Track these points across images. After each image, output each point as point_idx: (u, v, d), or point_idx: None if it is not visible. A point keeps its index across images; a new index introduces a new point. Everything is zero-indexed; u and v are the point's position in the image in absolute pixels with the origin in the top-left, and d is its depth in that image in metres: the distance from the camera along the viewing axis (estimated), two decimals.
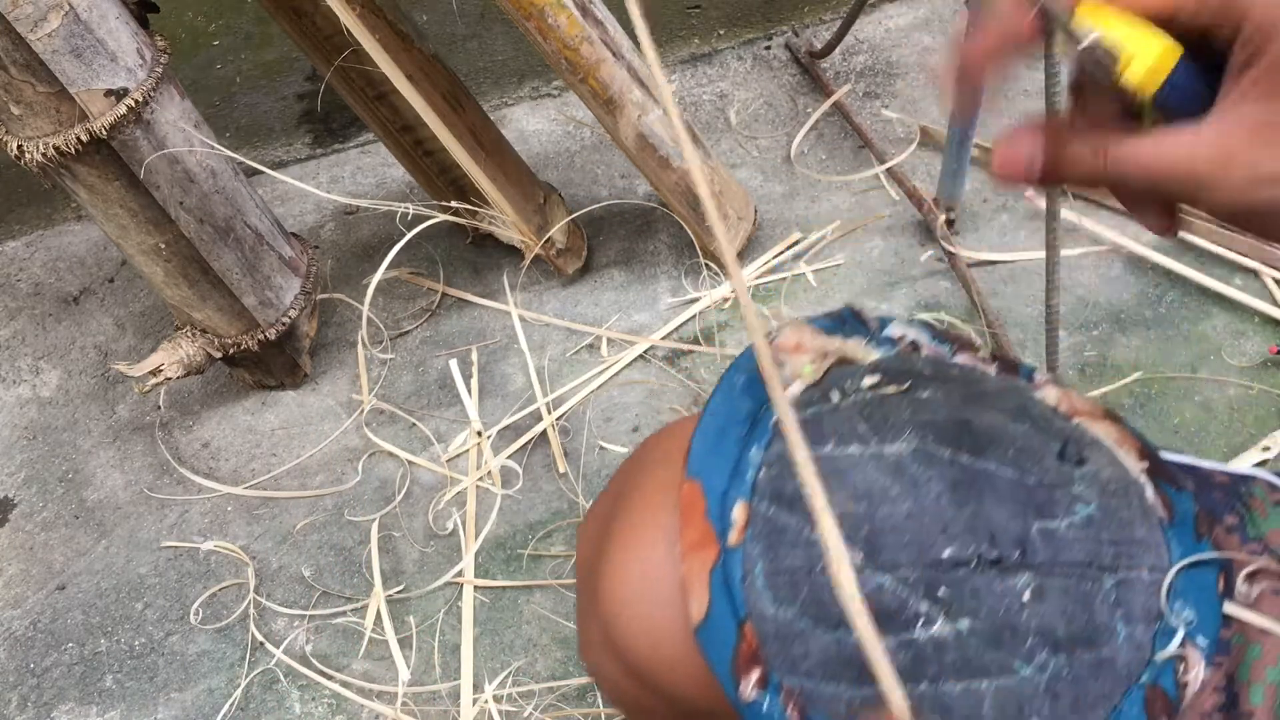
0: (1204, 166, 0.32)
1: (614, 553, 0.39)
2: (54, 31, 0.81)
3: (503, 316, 1.20)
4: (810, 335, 0.40)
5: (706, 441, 0.37)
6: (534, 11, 0.95)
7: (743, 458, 0.36)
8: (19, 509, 1.12)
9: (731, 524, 0.35)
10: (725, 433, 0.37)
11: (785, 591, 0.34)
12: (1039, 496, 0.35)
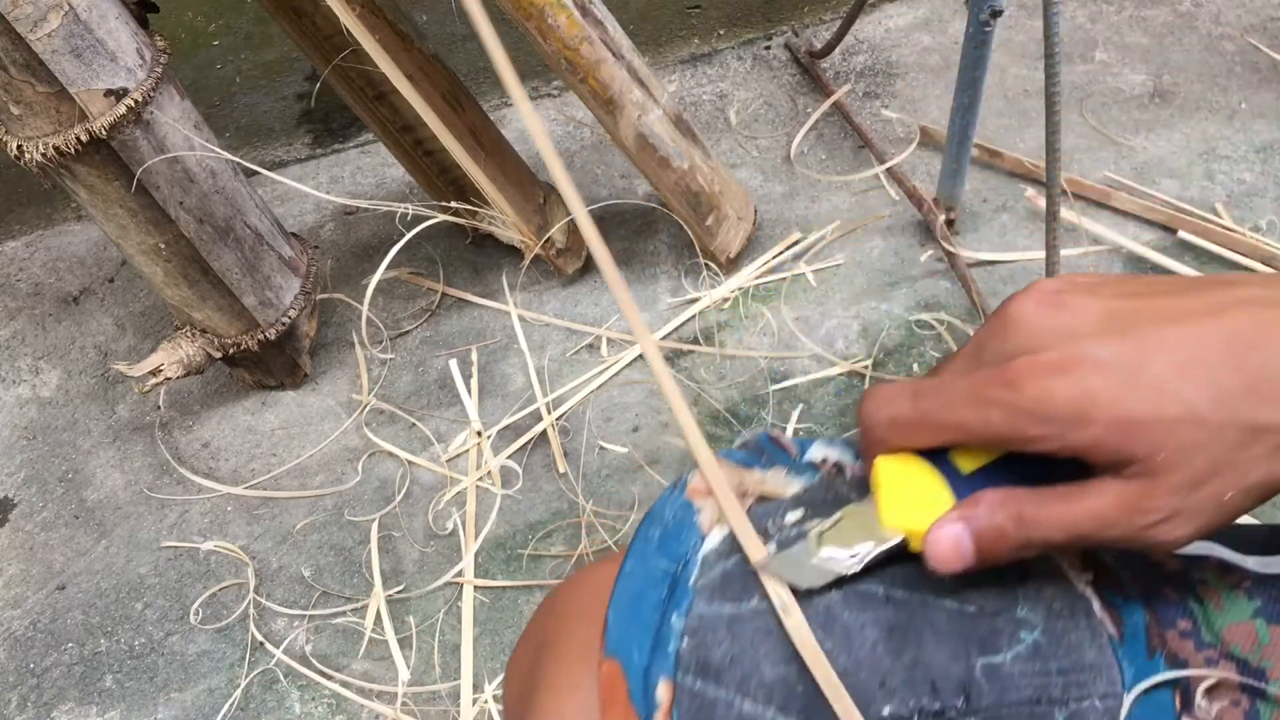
0: (1114, 514, 0.31)
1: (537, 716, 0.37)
2: (54, 31, 0.81)
3: (503, 316, 1.20)
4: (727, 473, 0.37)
5: (622, 612, 0.35)
6: (534, 12, 0.95)
7: (663, 627, 0.34)
8: (19, 509, 1.12)
9: (656, 706, 0.33)
10: (642, 599, 0.35)
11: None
12: (980, 628, 0.33)
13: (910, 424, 0.33)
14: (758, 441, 0.40)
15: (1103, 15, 1.45)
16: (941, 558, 0.32)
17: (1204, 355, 0.30)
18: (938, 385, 0.33)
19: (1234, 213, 1.19)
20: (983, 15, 0.95)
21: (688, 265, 1.22)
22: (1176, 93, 1.34)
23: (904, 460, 0.34)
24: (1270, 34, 1.39)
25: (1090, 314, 0.32)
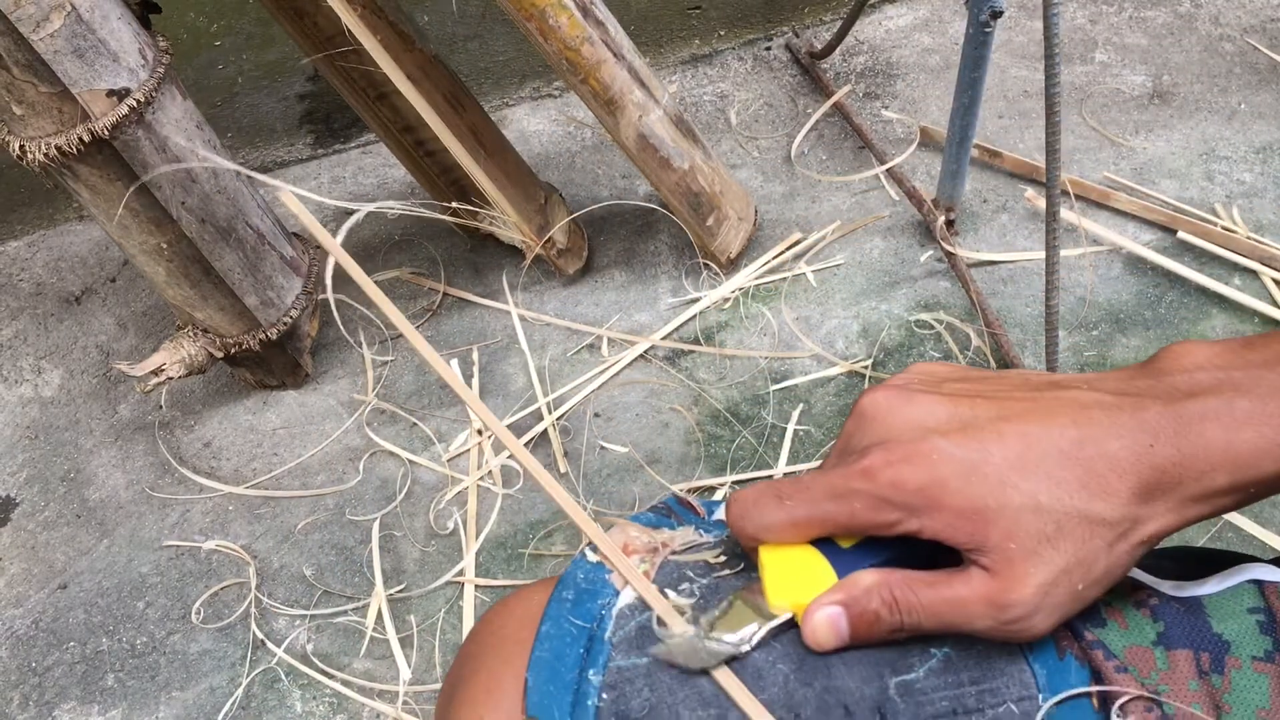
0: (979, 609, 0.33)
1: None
2: (56, 31, 0.81)
3: (503, 316, 1.20)
4: (636, 533, 0.39)
5: (542, 675, 0.36)
6: (535, 12, 0.95)
7: (582, 684, 0.35)
8: (21, 508, 1.12)
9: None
10: (561, 659, 0.36)
11: None
12: (890, 650, 0.34)
13: (780, 527, 0.34)
14: (665, 504, 0.41)
15: (1103, 16, 1.45)
16: (818, 639, 0.34)
17: (1039, 451, 0.32)
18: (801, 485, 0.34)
19: (1233, 213, 1.19)
20: (983, 16, 0.95)
21: (688, 265, 1.22)
22: (1176, 93, 1.34)
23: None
24: (1270, 34, 1.39)
25: (937, 409, 0.33)
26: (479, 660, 0.39)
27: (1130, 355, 1.09)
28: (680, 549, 0.39)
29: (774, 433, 1.07)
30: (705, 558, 0.38)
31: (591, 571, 0.38)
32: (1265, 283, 1.12)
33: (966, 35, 0.99)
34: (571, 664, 0.36)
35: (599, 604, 0.37)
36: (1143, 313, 1.12)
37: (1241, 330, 1.09)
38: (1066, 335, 1.10)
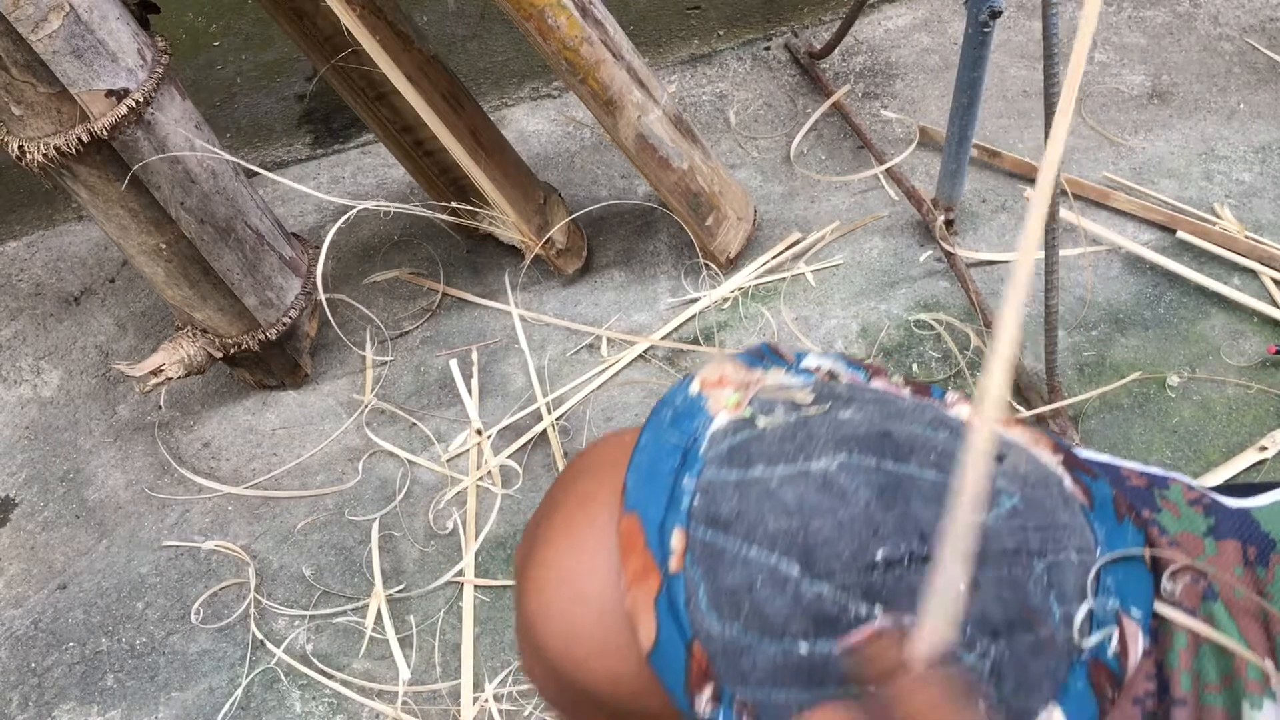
0: None
1: (535, 569, 0.40)
2: (55, 32, 0.81)
3: (503, 316, 1.20)
4: (732, 369, 0.41)
5: (640, 475, 0.39)
6: (534, 12, 0.95)
7: (676, 487, 0.38)
8: (20, 509, 1.12)
9: (671, 551, 0.36)
10: (658, 465, 0.38)
11: (728, 609, 0.35)
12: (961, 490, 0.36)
13: None
14: (758, 349, 0.44)
15: (1102, 15, 1.45)
16: None
17: None
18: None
19: (1232, 212, 1.19)
20: (982, 16, 0.95)
21: (688, 265, 1.22)
22: (1175, 93, 1.34)
23: None
24: (1269, 34, 1.39)
25: None
26: (575, 480, 0.43)
27: (1130, 355, 1.09)
28: (771, 386, 0.41)
29: None
30: (794, 396, 0.40)
31: (690, 397, 0.40)
32: (1265, 283, 1.12)
33: (966, 35, 0.99)
34: (668, 470, 0.38)
35: (695, 424, 0.39)
36: (1142, 312, 1.12)
37: (1240, 329, 1.10)
38: (1066, 335, 1.10)
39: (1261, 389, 1.05)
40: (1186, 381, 1.06)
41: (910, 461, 0.37)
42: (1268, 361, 1.07)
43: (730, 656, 0.36)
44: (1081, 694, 0.35)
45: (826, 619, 0.34)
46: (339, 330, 1.18)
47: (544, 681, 0.42)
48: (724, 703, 0.36)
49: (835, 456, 0.37)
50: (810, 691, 0.35)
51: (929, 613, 0.33)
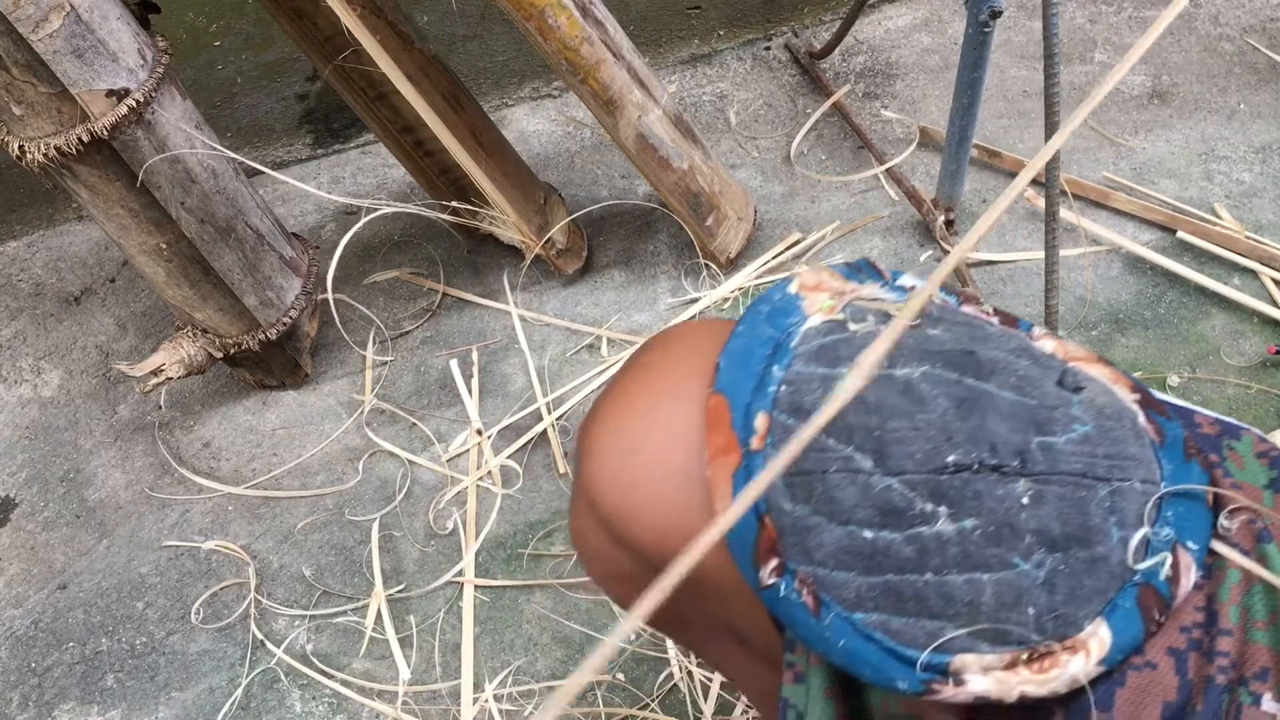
0: None
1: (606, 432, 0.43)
2: (55, 32, 0.81)
3: (503, 316, 1.20)
4: (829, 277, 0.44)
5: (733, 360, 0.41)
6: (534, 12, 0.95)
7: (766, 375, 0.40)
8: (20, 509, 1.12)
9: (754, 432, 0.39)
10: (750, 353, 0.41)
11: (801, 491, 0.38)
12: (1039, 415, 0.38)
13: None
14: (857, 263, 0.46)
15: (1102, 16, 1.45)
16: None
17: None
18: None
19: (1233, 213, 1.19)
20: (982, 16, 0.95)
21: (688, 265, 1.22)
22: (1175, 93, 1.34)
23: None
24: (1269, 34, 1.39)
25: None
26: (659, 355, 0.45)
27: (1130, 355, 1.09)
28: (866, 297, 0.43)
29: None
30: (887, 308, 0.42)
31: (787, 297, 0.43)
32: (1265, 283, 1.12)
33: (966, 35, 0.99)
34: (759, 359, 0.40)
35: (789, 320, 0.42)
36: (1142, 313, 1.12)
37: (1241, 330, 1.10)
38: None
39: (1261, 389, 1.05)
40: (1187, 381, 1.06)
41: (990, 381, 0.38)
42: (1268, 361, 1.07)
43: (798, 534, 0.37)
44: (1129, 613, 0.36)
45: (893, 511, 0.36)
46: (340, 330, 1.18)
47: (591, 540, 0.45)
48: (787, 575, 0.38)
49: (919, 367, 0.38)
50: (869, 576, 0.37)
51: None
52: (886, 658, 0.37)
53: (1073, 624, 0.36)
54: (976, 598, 0.36)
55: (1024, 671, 0.36)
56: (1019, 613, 0.36)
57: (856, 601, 0.37)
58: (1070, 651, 0.36)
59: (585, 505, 0.45)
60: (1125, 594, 0.36)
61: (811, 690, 0.40)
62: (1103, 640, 0.36)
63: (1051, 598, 0.36)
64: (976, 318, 0.43)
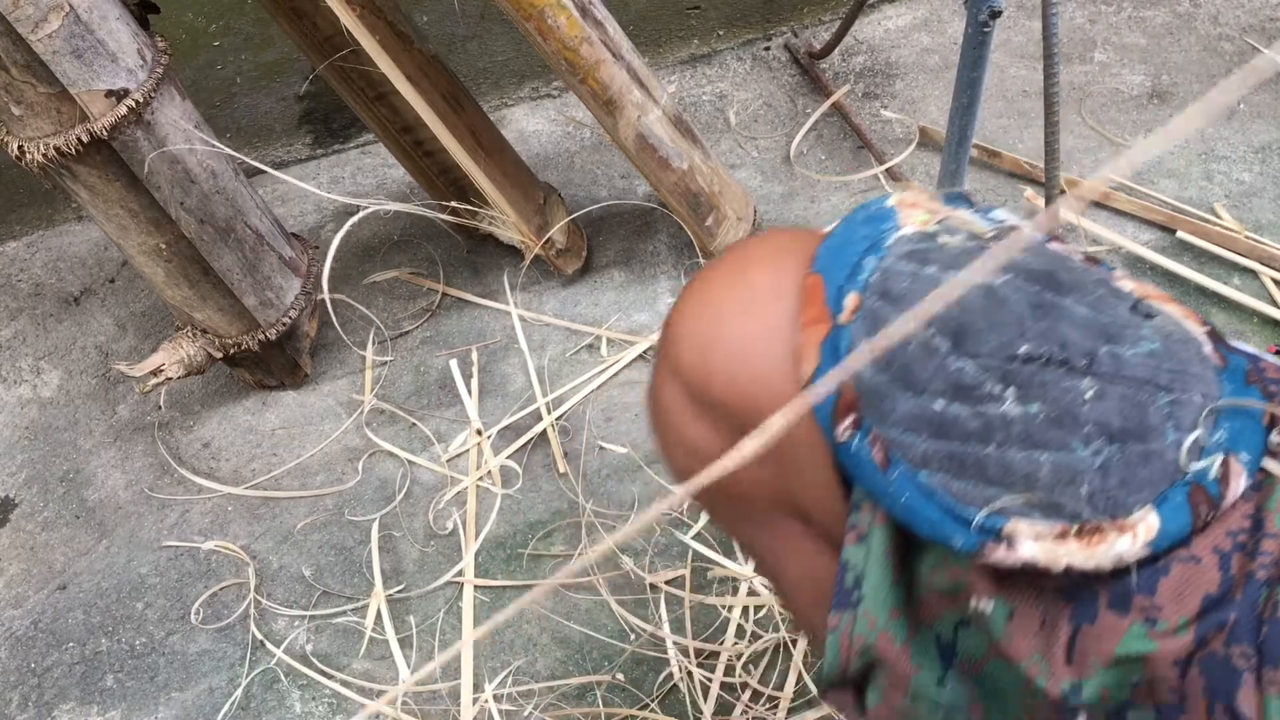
0: None
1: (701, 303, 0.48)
2: (54, 32, 0.81)
3: (503, 316, 1.20)
4: (926, 198, 0.47)
5: (831, 249, 0.45)
6: (534, 12, 0.95)
7: (860, 263, 0.44)
8: (20, 509, 1.12)
9: (844, 308, 0.43)
10: (847, 245, 0.45)
11: (880, 362, 0.41)
12: (1110, 329, 0.41)
13: None
14: (955, 194, 0.49)
15: (1101, 16, 1.45)
16: None
17: None
18: None
19: (1232, 213, 1.19)
20: (982, 16, 0.95)
21: (688, 265, 1.22)
22: (1175, 93, 1.34)
23: None
24: (1269, 34, 1.39)
25: None
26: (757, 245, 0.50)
27: None
28: (959, 218, 0.46)
29: None
30: (977, 229, 0.45)
31: (884, 208, 0.46)
32: (1265, 283, 1.12)
33: (965, 35, 0.99)
34: (855, 250, 0.44)
35: (885, 226, 0.45)
36: None
37: (1241, 330, 1.10)
38: None
39: None
40: None
41: (1067, 297, 0.41)
42: None
43: (873, 398, 0.41)
44: (1178, 507, 0.38)
45: (963, 389, 0.40)
46: (339, 330, 1.18)
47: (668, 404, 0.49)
48: (860, 432, 0.41)
49: (1003, 276, 0.42)
50: (936, 441, 0.40)
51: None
52: (945, 516, 0.40)
53: (1123, 507, 0.38)
54: (1034, 472, 0.39)
55: (1072, 544, 0.38)
56: (1073, 490, 0.38)
57: (922, 461, 0.40)
58: (1119, 531, 0.38)
59: (666, 371, 0.49)
60: (1176, 489, 0.38)
61: (872, 549, 0.43)
62: (1150, 525, 0.38)
63: (1105, 480, 0.38)
64: (1062, 251, 0.46)
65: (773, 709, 0.89)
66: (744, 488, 0.48)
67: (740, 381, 0.45)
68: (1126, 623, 0.38)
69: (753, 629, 0.94)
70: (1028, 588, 0.40)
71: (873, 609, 0.43)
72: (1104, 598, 0.39)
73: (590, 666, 0.94)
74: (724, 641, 0.93)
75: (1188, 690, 0.38)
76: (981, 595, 0.41)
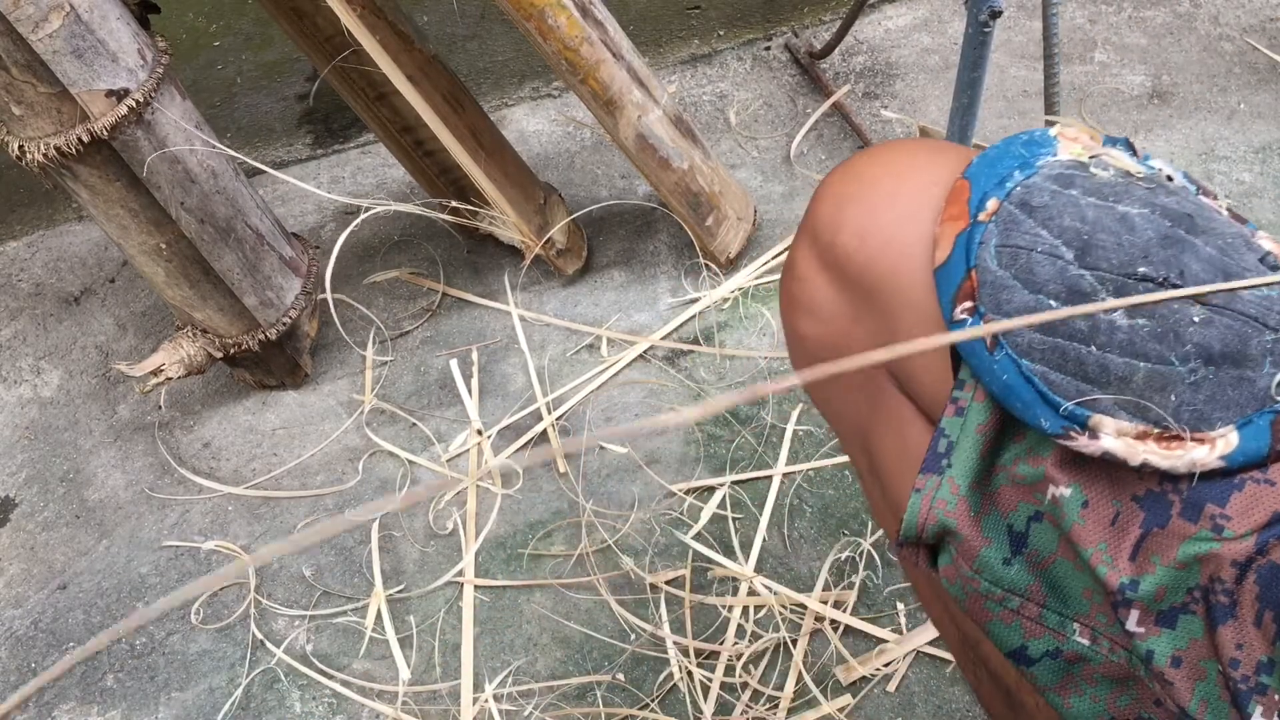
0: None
1: (854, 173, 0.52)
2: (55, 32, 0.81)
3: (503, 316, 1.20)
4: (1089, 135, 0.50)
5: (986, 160, 0.48)
6: (534, 12, 0.95)
7: (1008, 176, 0.47)
8: (20, 509, 1.12)
9: (984, 209, 0.46)
10: (1000, 160, 0.48)
11: (1007, 259, 0.44)
12: (1231, 269, 0.42)
13: None
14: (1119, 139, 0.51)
15: (1102, 16, 1.45)
16: None
17: None
18: None
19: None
20: (982, 16, 0.95)
21: (688, 265, 1.22)
22: (1175, 93, 1.34)
23: None
24: (1269, 34, 1.39)
25: None
26: (925, 145, 0.53)
27: None
28: (1115, 156, 0.48)
29: (774, 433, 1.07)
30: (1130, 169, 0.47)
31: (1046, 135, 0.49)
32: None
33: (966, 35, 0.99)
34: (1007, 165, 0.47)
35: (1042, 150, 0.48)
36: None
37: None
38: None
39: None
40: None
41: (1198, 238, 0.43)
42: None
43: (994, 289, 0.44)
44: (1260, 430, 0.40)
45: (1079, 294, 0.42)
46: (340, 330, 1.18)
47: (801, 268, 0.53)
48: (976, 316, 0.45)
49: (1141, 208, 0.44)
50: (1043, 335, 0.43)
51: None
52: (1038, 399, 0.42)
53: (1206, 421, 0.40)
54: (1129, 375, 0.41)
55: (1152, 444, 0.41)
56: (1162, 398, 0.41)
57: (1027, 349, 0.43)
58: (1198, 442, 0.40)
59: (803, 230, 0.53)
60: (1262, 415, 0.40)
61: (967, 423, 0.46)
62: (1229, 441, 0.40)
63: (1195, 395, 0.40)
64: (1208, 203, 0.47)
65: (773, 709, 0.89)
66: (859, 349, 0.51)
67: (869, 240, 0.50)
68: (1195, 529, 0.40)
69: (753, 629, 0.94)
70: (1105, 481, 0.42)
71: (958, 477, 0.46)
72: (1176, 505, 0.41)
73: (590, 666, 0.94)
74: (724, 641, 0.93)
75: (1240, 596, 0.39)
76: (1060, 483, 0.43)
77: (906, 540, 0.48)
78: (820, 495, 1.02)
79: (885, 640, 0.92)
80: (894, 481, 0.53)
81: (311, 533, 0.27)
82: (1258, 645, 0.40)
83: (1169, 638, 0.41)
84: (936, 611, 0.60)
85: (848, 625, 0.93)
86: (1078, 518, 0.42)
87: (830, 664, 0.92)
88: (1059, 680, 0.46)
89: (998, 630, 0.47)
